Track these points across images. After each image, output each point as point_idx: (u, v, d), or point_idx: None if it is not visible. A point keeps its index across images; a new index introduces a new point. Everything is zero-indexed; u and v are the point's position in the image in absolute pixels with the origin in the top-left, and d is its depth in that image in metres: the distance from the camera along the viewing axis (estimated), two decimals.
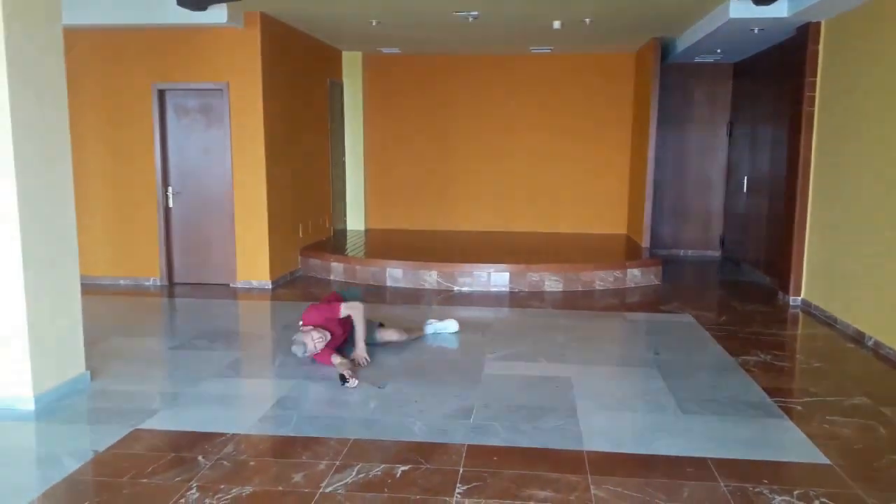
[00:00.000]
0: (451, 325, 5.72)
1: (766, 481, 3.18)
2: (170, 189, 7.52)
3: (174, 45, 7.21)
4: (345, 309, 4.91)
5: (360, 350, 4.89)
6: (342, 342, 4.98)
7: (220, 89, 7.25)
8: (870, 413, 4.03)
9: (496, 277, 7.46)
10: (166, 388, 4.41)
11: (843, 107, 6.08)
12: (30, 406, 3.98)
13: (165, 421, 3.87)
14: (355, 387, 4.36)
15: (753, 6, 6.26)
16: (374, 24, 7.65)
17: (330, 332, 4.78)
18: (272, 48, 7.38)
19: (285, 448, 3.51)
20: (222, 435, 3.65)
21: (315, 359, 4.75)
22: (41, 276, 4.04)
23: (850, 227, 5.88)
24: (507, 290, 7.43)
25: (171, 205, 7.55)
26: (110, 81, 7.36)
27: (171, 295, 7.24)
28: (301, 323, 4.85)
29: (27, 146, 3.91)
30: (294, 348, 4.73)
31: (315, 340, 4.67)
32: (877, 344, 5.30)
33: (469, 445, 3.54)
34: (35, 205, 3.98)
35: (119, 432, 3.68)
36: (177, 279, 7.67)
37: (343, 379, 4.39)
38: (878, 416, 3.98)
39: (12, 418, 3.88)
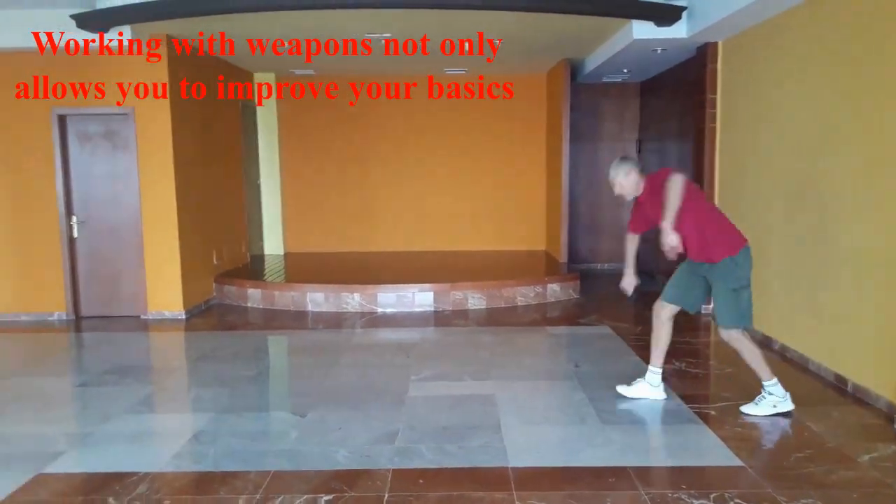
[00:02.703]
0: None
1: (684, 486, 3.26)
2: (74, 218, 7.18)
3: (75, 69, 6.91)
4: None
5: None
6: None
7: (126, 114, 7.00)
8: (778, 414, 4.21)
9: (420, 297, 7.44)
10: (73, 429, 4.17)
11: (741, 123, 6.40)
12: None
13: (72, 463, 3.65)
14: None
15: (655, 27, 6.54)
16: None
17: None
18: (179, 70, 7.18)
19: (202, 484, 3.37)
20: (135, 474, 3.47)
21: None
22: None
23: (754, 238, 6.15)
24: (432, 309, 7.42)
25: (75, 234, 7.20)
26: (7, 107, 6.99)
27: (77, 329, 6.89)
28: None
29: None
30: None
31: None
32: (783, 347, 5.56)
33: (394, 470, 3.49)
34: None
35: (20, 478, 3.44)
36: (84, 312, 7.30)
37: None
38: (785, 417, 4.16)
39: None
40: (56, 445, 3.88)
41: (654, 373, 4.47)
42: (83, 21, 6.12)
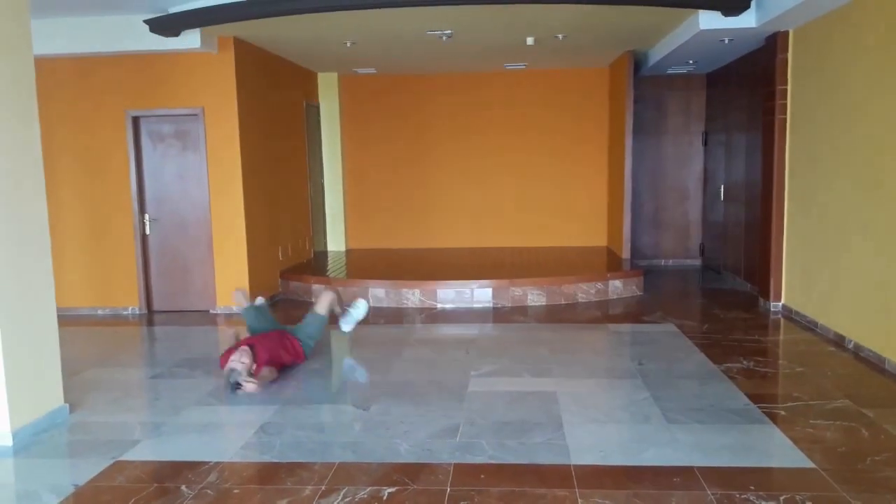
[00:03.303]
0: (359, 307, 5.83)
1: (752, 487, 3.18)
2: (146, 216, 7.46)
3: (148, 72, 7.18)
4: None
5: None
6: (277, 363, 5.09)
7: (196, 114, 7.23)
8: (852, 415, 4.06)
9: (479, 293, 7.45)
10: (147, 418, 4.34)
11: (814, 113, 6.18)
12: (7, 442, 3.90)
13: (147, 451, 3.81)
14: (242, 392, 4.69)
15: (722, 17, 6.36)
16: (348, 45, 7.69)
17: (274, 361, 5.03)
18: (247, 72, 7.38)
19: (269, 474, 3.46)
20: (205, 463, 3.59)
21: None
22: (16, 310, 3.97)
23: (827, 232, 5.95)
24: (491, 305, 7.42)
25: (148, 232, 7.49)
26: (83, 109, 7.31)
27: (150, 323, 7.16)
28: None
29: None
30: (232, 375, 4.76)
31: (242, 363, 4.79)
32: (856, 346, 5.35)
33: (456, 464, 3.51)
34: (7, 237, 3.92)
35: (99, 465, 3.61)
36: (156, 307, 7.59)
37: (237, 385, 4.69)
38: (860, 419, 4.00)
39: None
40: (132, 434, 4.05)
41: None
42: (156, 26, 6.35)
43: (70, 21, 6.71)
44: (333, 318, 5.72)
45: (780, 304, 6.87)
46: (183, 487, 3.33)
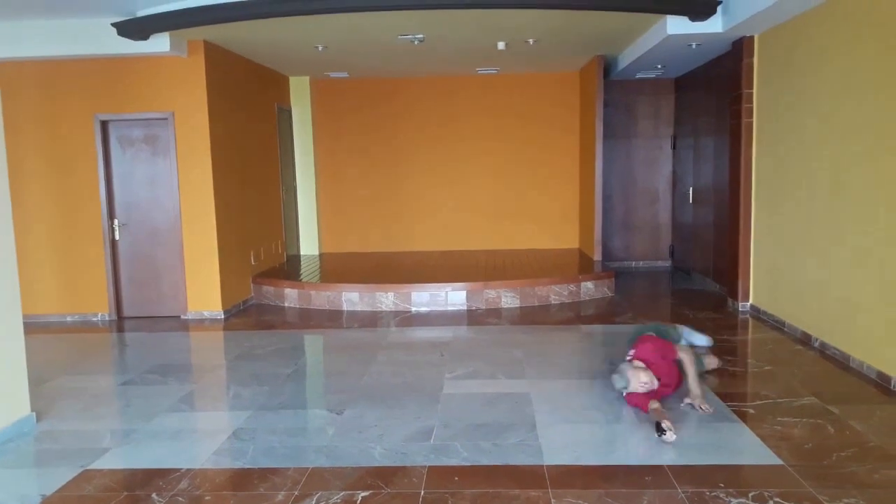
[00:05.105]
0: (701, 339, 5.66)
1: (722, 485, 3.23)
2: (116, 221, 7.37)
3: (117, 76, 7.10)
4: (679, 351, 4.43)
5: (697, 391, 4.30)
6: (667, 390, 4.39)
7: (165, 118, 7.16)
8: (819, 412, 4.14)
9: (453, 296, 7.47)
10: (117, 426, 4.29)
11: (779, 116, 6.30)
12: None
13: (117, 459, 3.76)
14: (672, 441, 3.75)
15: (690, 22, 6.47)
16: (319, 49, 7.67)
17: (658, 376, 4.27)
18: (217, 76, 7.33)
19: (242, 480, 3.44)
20: (177, 471, 3.56)
21: (629, 399, 4.31)
22: None
23: (793, 233, 6.07)
24: (465, 308, 7.45)
25: (117, 237, 7.39)
26: (51, 113, 7.20)
27: (120, 330, 7.06)
28: (632, 355, 4.41)
29: None
30: (615, 377, 4.31)
31: (641, 383, 4.19)
32: (822, 345, 5.46)
33: (430, 467, 3.52)
34: None
35: (68, 474, 3.56)
36: (126, 313, 7.49)
37: (660, 430, 3.77)
38: (826, 415, 4.09)
39: None
40: (101, 442, 3.99)
41: None
42: (124, 29, 6.28)
43: (36, 24, 6.60)
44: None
45: (749, 304, 6.99)
46: (154, 495, 3.29)
